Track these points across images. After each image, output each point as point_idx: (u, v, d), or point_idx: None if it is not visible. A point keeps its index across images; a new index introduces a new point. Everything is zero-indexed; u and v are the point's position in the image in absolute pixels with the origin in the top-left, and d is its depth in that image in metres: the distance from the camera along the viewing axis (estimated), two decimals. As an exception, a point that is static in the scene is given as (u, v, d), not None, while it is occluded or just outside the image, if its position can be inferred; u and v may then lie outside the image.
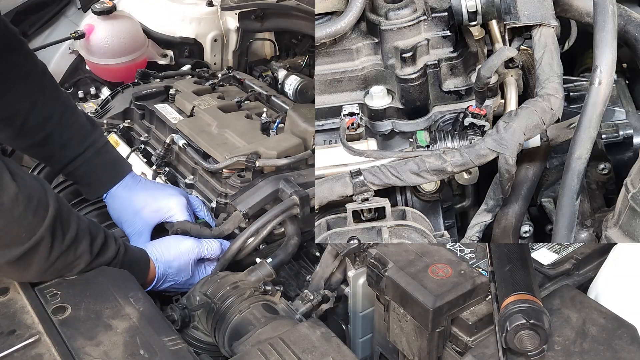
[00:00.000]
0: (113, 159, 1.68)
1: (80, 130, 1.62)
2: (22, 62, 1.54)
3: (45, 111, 1.57)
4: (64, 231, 1.25)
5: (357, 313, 1.42)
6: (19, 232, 1.18)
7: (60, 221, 1.24)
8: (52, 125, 1.57)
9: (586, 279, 1.30)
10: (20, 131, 1.55)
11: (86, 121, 1.65)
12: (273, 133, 1.91)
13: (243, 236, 1.57)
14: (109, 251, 1.35)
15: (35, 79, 1.57)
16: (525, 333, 1.03)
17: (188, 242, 1.56)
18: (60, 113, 1.59)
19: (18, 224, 1.18)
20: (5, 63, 1.49)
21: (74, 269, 1.29)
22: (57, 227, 1.23)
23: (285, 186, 1.65)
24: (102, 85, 2.54)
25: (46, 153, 1.62)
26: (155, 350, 1.13)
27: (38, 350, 1.12)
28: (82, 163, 1.62)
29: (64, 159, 1.61)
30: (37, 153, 1.67)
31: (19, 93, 1.53)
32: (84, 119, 1.65)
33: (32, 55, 1.60)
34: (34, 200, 1.20)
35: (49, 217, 1.21)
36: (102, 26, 2.41)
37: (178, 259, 1.52)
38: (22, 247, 1.18)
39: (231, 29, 2.58)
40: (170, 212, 1.63)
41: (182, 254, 1.53)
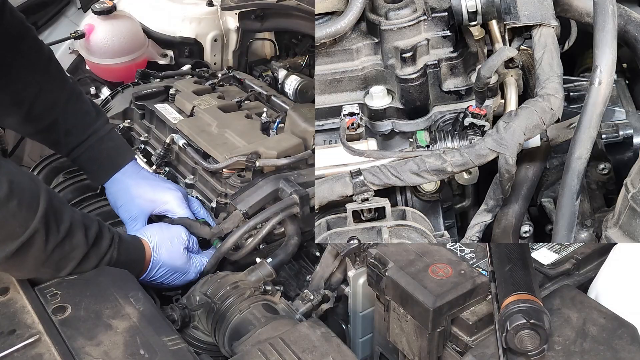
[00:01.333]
0: (116, 147, 1.69)
1: (84, 118, 1.64)
2: (29, 49, 1.56)
3: (51, 98, 1.59)
4: (58, 222, 1.25)
5: (357, 313, 1.42)
6: (14, 226, 1.19)
7: (53, 213, 1.25)
8: (57, 111, 1.60)
9: (586, 279, 1.30)
10: (26, 117, 1.57)
11: (92, 108, 1.67)
12: (273, 133, 1.91)
13: (240, 230, 1.57)
14: (104, 240, 1.35)
15: (41, 66, 1.59)
16: (526, 333, 1.03)
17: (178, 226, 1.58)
18: (65, 100, 1.61)
19: (12, 218, 1.18)
20: (12, 50, 1.51)
21: (71, 260, 1.29)
22: (50, 219, 1.23)
23: (285, 185, 1.65)
24: (102, 85, 2.53)
25: (52, 139, 1.64)
26: (156, 350, 1.13)
27: (38, 350, 1.12)
28: (85, 150, 1.64)
29: (68, 145, 1.64)
30: (43, 139, 1.69)
31: (25, 80, 1.54)
32: (90, 106, 1.67)
33: (39, 41, 1.61)
34: (26, 194, 1.21)
35: (40, 209, 1.21)
36: (102, 26, 2.41)
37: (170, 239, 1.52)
38: (17, 241, 1.19)
39: (231, 29, 2.58)
40: (167, 205, 1.64)
41: (173, 236, 1.53)
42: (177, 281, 1.53)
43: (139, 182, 1.65)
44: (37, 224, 1.21)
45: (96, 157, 1.65)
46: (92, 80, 2.56)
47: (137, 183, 1.65)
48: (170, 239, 1.52)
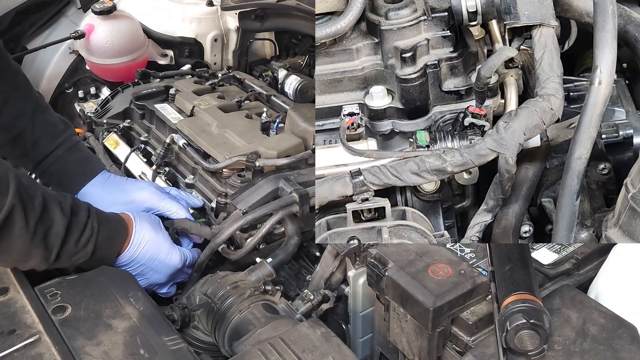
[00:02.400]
0: (85, 158, 1.68)
1: (51, 129, 1.63)
2: None
3: (18, 108, 1.58)
4: (32, 198, 1.25)
5: (357, 313, 1.42)
6: None
7: (24, 190, 1.25)
8: (24, 122, 1.58)
9: (586, 278, 1.30)
10: None
11: (59, 120, 1.66)
12: (273, 133, 1.91)
13: (237, 223, 1.57)
14: (81, 211, 1.34)
15: (8, 77, 1.58)
16: (526, 333, 1.03)
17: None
18: (32, 111, 1.60)
19: None
20: None
21: (56, 236, 1.28)
22: (23, 195, 1.23)
23: (285, 185, 1.65)
24: (102, 85, 2.53)
25: (19, 151, 1.61)
26: (156, 350, 1.13)
27: (38, 350, 1.12)
28: (53, 161, 1.62)
29: (36, 157, 1.62)
30: (11, 151, 1.65)
31: None
32: (56, 118, 1.66)
33: (6, 54, 1.61)
34: None
35: (12, 187, 1.21)
36: (102, 26, 2.41)
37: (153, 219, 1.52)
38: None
39: (231, 29, 2.58)
40: (146, 203, 1.62)
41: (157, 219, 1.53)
42: (161, 266, 1.49)
43: (111, 190, 1.63)
44: (13, 200, 1.21)
45: (65, 168, 1.63)
46: (92, 80, 2.56)
47: (108, 191, 1.62)
48: (154, 220, 1.51)
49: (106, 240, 1.39)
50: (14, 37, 2.53)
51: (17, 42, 2.56)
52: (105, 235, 1.38)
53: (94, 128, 2.15)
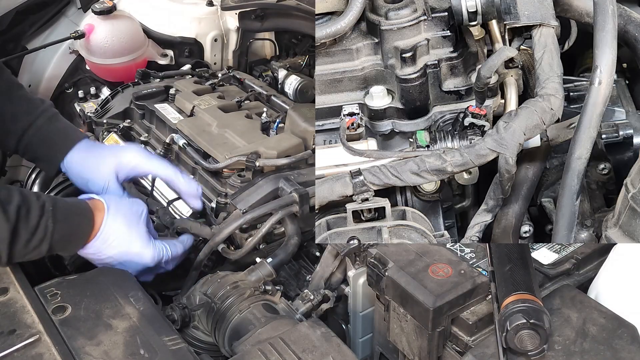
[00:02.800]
0: (66, 126, 1.66)
1: (29, 103, 1.62)
2: None
3: None
4: None
5: (357, 313, 1.42)
6: None
7: None
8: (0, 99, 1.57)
9: (586, 278, 1.30)
10: None
11: (34, 96, 1.65)
12: (273, 133, 1.91)
13: (236, 222, 1.57)
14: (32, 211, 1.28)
15: None
16: (526, 333, 1.03)
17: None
18: (7, 88, 1.59)
19: None
20: None
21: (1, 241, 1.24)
22: None
23: (285, 184, 1.65)
24: (102, 85, 2.53)
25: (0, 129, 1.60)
26: (156, 350, 1.13)
27: (38, 350, 1.12)
28: (35, 131, 1.59)
29: (17, 131, 1.59)
30: None
31: None
32: (31, 95, 1.66)
33: None
34: None
35: None
36: (102, 26, 2.41)
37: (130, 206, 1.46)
38: None
39: (231, 29, 2.58)
40: (133, 161, 1.59)
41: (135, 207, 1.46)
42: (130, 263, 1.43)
43: (98, 152, 1.60)
44: None
45: (47, 137, 1.60)
46: (92, 80, 2.56)
47: (94, 155, 1.59)
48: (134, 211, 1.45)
49: (64, 237, 1.34)
50: (14, 37, 2.53)
51: (17, 42, 2.55)
52: (63, 233, 1.33)
53: (94, 128, 2.15)
